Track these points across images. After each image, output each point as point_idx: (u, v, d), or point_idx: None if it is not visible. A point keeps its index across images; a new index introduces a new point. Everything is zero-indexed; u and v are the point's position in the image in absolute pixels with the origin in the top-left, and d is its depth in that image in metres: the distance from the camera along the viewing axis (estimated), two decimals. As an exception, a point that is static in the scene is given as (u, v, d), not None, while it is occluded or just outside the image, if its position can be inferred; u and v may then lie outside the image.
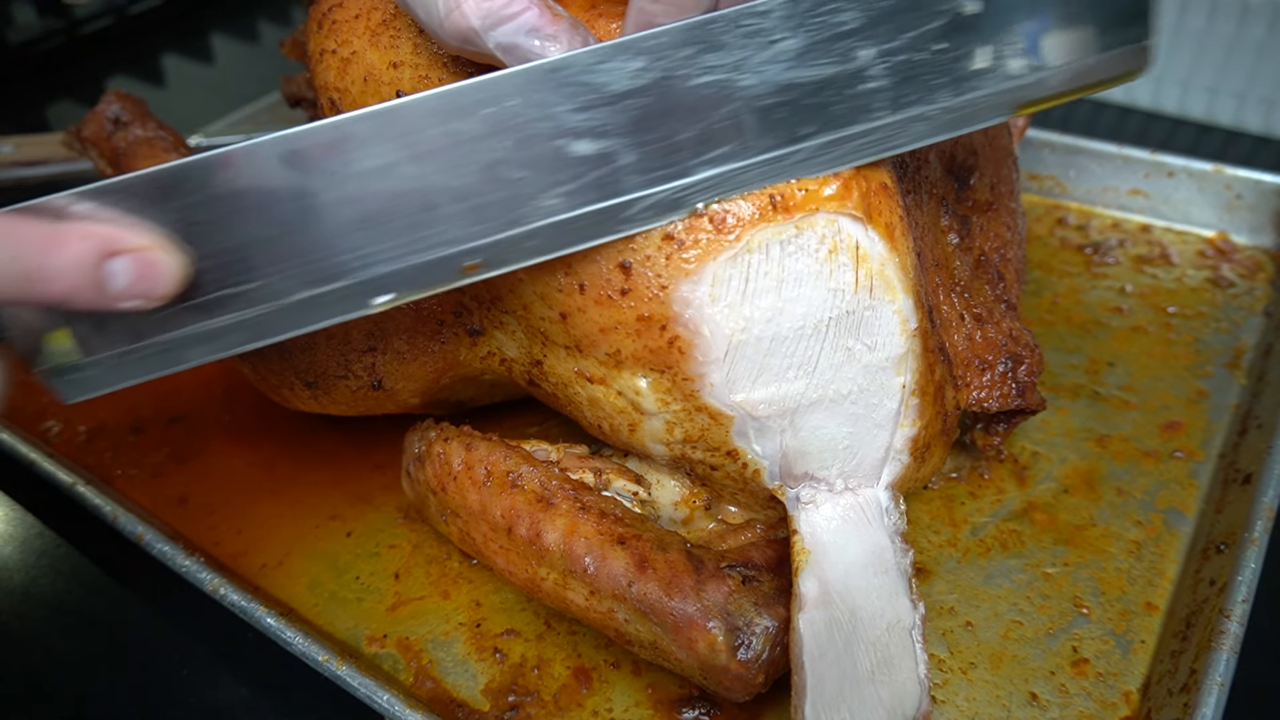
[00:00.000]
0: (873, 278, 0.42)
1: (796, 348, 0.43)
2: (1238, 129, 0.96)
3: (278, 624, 0.50)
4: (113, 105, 0.66)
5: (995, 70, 0.41)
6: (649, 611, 0.46)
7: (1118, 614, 0.53)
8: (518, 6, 0.38)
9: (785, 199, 0.41)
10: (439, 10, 0.39)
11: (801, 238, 0.41)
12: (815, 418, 0.44)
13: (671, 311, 0.42)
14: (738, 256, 0.41)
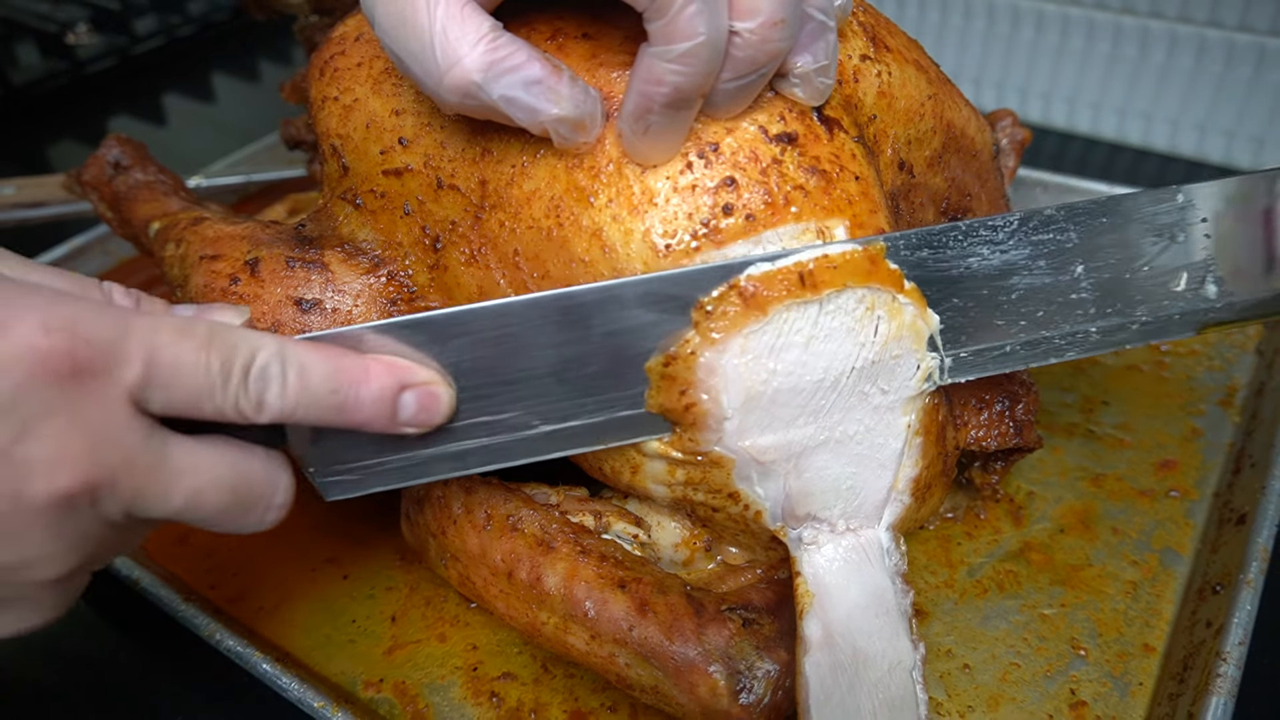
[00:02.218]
0: (904, 329, 0.42)
1: (812, 398, 0.43)
2: (1227, 166, 0.97)
3: (273, 669, 0.50)
4: (113, 149, 0.67)
5: (1192, 293, 0.45)
6: (650, 655, 0.46)
7: (1115, 656, 0.53)
8: (519, 59, 0.38)
9: (815, 275, 0.41)
10: (438, 67, 0.39)
11: (839, 299, 0.41)
12: (820, 458, 0.44)
13: (695, 378, 0.42)
14: (766, 326, 0.41)
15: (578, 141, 0.41)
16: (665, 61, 0.37)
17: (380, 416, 0.40)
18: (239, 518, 0.40)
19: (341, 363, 0.39)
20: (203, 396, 0.37)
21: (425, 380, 0.41)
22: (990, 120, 0.69)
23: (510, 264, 0.44)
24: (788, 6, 0.38)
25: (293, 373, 0.38)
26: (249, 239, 0.51)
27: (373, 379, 0.40)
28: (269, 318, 0.48)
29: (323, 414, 0.39)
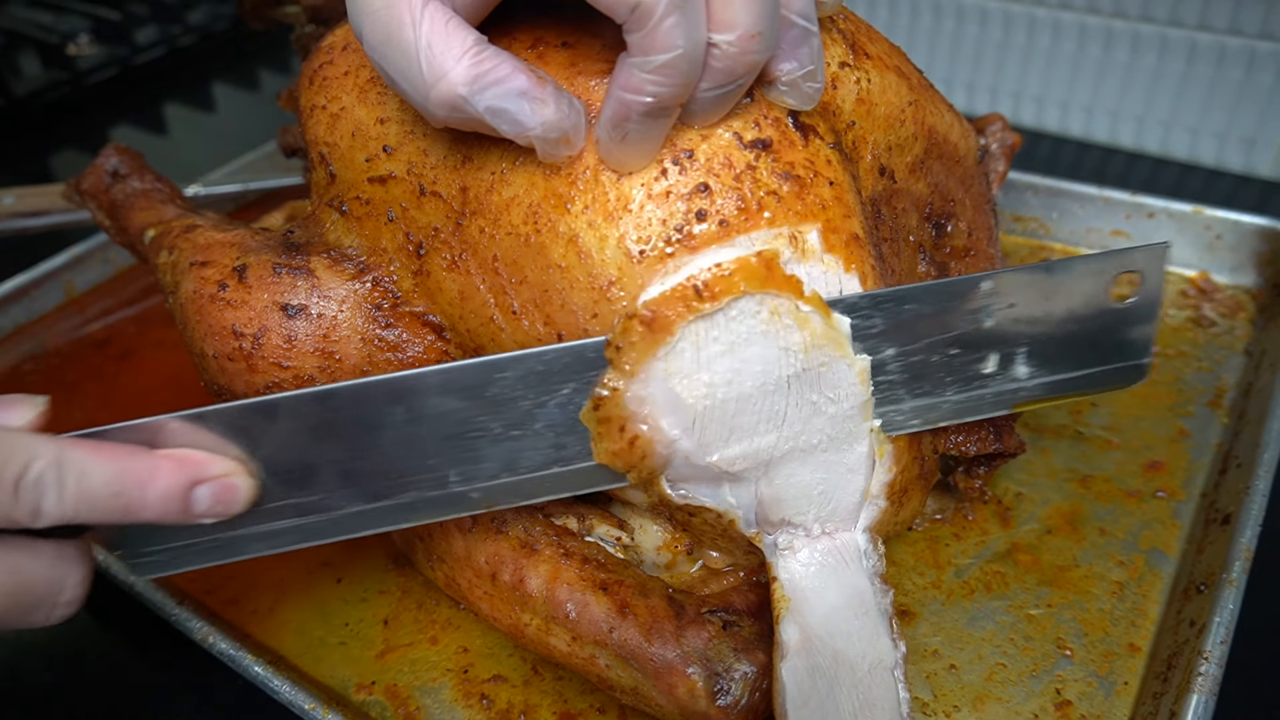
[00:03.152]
0: (817, 337, 0.43)
1: (763, 404, 0.43)
2: (1220, 168, 0.97)
3: (265, 672, 0.50)
4: (111, 158, 0.68)
5: (1002, 374, 0.46)
6: (629, 657, 0.46)
7: (1101, 655, 0.53)
8: (504, 71, 0.39)
9: (710, 285, 0.41)
10: (424, 81, 0.39)
11: (739, 305, 0.41)
12: (788, 467, 0.45)
13: (628, 412, 0.42)
14: (678, 343, 0.41)
15: (562, 154, 0.41)
16: (644, 72, 0.38)
17: (170, 513, 0.40)
18: (18, 619, 0.39)
19: (126, 464, 0.39)
20: None
21: (221, 472, 0.41)
22: (980, 125, 0.69)
23: (490, 270, 0.44)
24: (765, 18, 0.38)
25: (71, 479, 0.38)
26: (238, 246, 0.52)
27: (160, 478, 0.40)
28: (256, 323, 0.48)
29: (107, 515, 0.39)
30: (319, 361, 0.48)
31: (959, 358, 0.45)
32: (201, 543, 0.44)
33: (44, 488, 0.37)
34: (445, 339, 0.49)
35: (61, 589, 0.40)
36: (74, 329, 0.85)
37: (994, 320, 0.45)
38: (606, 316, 0.42)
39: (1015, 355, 0.46)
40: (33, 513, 0.37)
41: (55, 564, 0.40)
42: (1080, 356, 0.47)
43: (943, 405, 0.46)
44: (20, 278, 0.85)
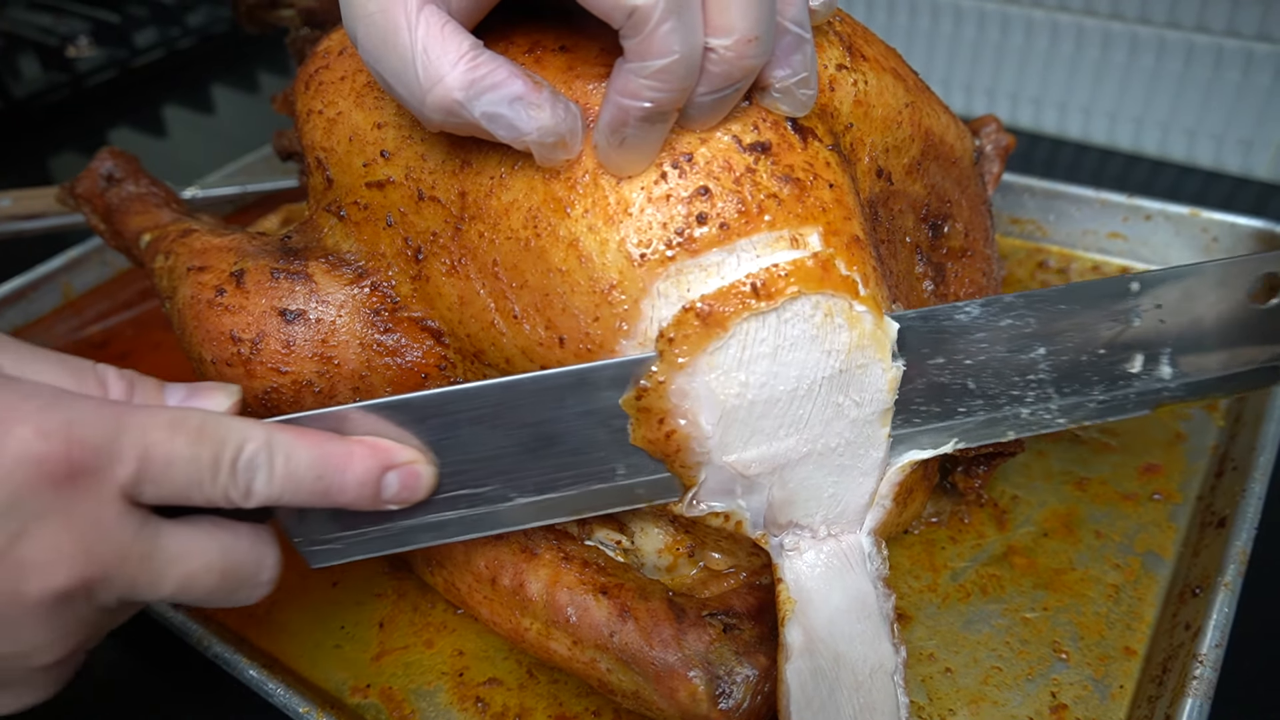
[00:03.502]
0: (865, 337, 0.43)
1: (789, 408, 0.43)
2: (1217, 170, 0.97)
3: (260, 676, 0.50)
4: (106, 162, 0.68)
5: (1146, 375, 0.47)
6: (630, 661, 0.46)
7: (1096, 659, 0.53)
8: (500, 75, 0.39)
9: (767, 285, 0.41)
10: (420, 86, 0.39)
11: (794, 306, 0.42)
12: (804, 470, 0.45)
13: (669, 405, 0.42)
14: (729, 340, 0.41)
15: (559, 159, 0.41)
16: (641, 77, 0.38)
17: (364, 498, 0.42)
18: (228, 596, 0.41)
19: (326, 448, 0.41)
20: (193, 488, 0.38)
21: (408, 460, 0.42)
22: (974, 126, 0.69)
23: (489, 274, 0.44)
24: (762, 23, 0.38)
25: (280, 461, 0.39)
26: (235, 250, 0.52)
27: (356, 462, 0.41)
28: (254, 328, 0.48)
29: (309, 498, 0.41)
30: (317, 366, 0.49)
31: (1107, 357, 0.46)
32: (372, 531, 0.45)
33: (256, 468, 0.39)
34: (444, 344, 0.49)
35: (262, 568, 0.42)
36: (71, 331, 0.85)
37: (1140, 320, 0.46)
38: (608, 320, 0.42)
39: (1160, 356, 0.47)
40: (246, 492, 0.39)
41: (256, 545, 0.41)
42: (1222, 357, 0.47)
43: (1089, 404, 0.47)
44: (17, 280, 0.85)
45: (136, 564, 0.37)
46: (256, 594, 0.42)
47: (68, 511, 0.35)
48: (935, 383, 0.45)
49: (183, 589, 0.39)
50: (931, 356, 0.45)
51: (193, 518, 0.40)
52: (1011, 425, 0.47)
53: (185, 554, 0.39)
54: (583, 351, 0.43)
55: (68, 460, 0.35)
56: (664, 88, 0.38)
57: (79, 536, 0.36)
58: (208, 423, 0.38)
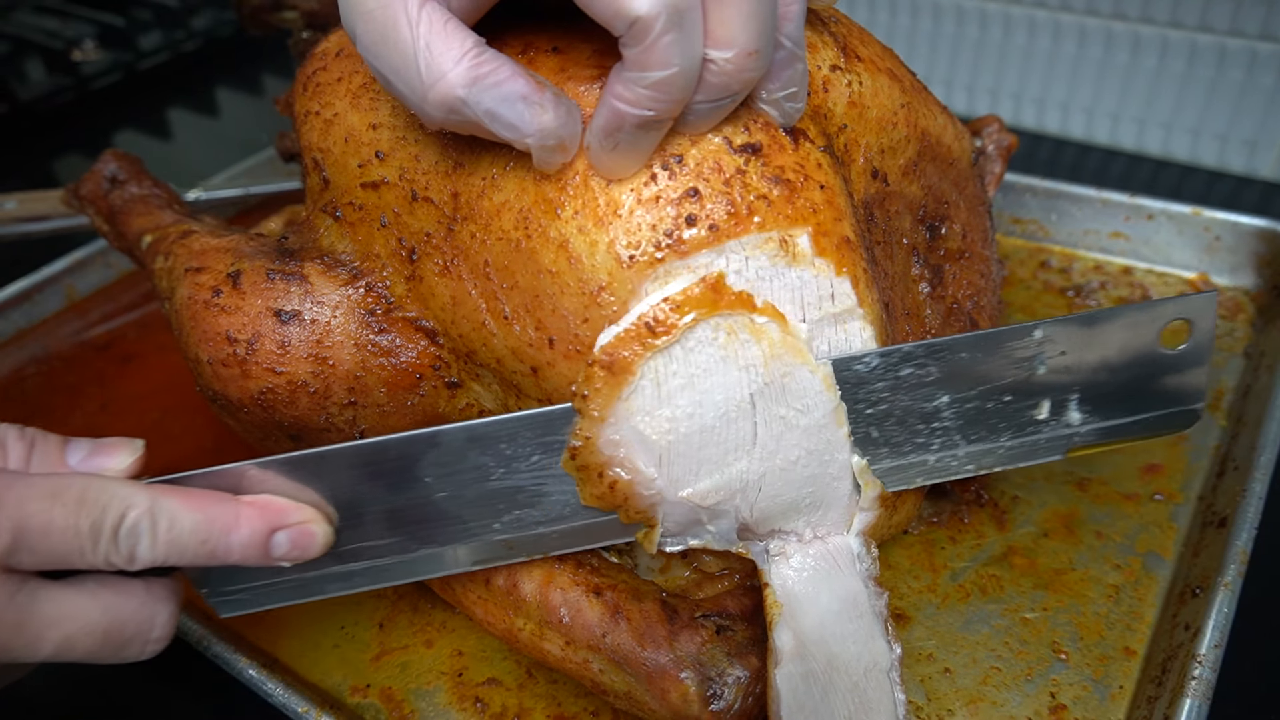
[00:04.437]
0: (776, 346, 0.42)
1: (728, 431, 0.43)
2: (1221, 170, 0.97)
3: (259, 675, 0.51)
4: (110, 164, 0.68)
5: (1055, 420, 0.47)
6: (623, 662, 0.46)
7: (1096, 659, 0.53)
8: (504, 74, 0.38)
9: (662, 321, 0.41)
10: (422, 83, 0.39)
11: (694, 334, 0.41)
12: (770, 488, 0.44)
13: (603, 457, 0.43)
14: (639, 383, 0.41)
15: (556, 162, 0.41)
16: (640, 87, 0.37)
17: (251, 558, 0.42)
18: (114, 654, 0.41)
19: (211, 511, 0.41)
20: (73, 555, 0.38)
21: (298, 520, 0.43)
22: (976, 127, 0.69)
23: (481, 275, 0.45)
24: (763, 37, 0.38)
25: (163, 527, 0.40)
26: (233, 251, 0.52)
27: (243, 524, 0.42)
28: (249, 329, 0.49)
29: (195, 560, 0.41)
30: (312, 367, 0.49)
31: (1012, 404, 0.46)
32: (281, 583, 0.46)
33: (139, 534, 0.39)
34: (438, 344, 0.49)
35: (152, 626, 0.42)
36: (75, 333, 0.85)
37: (1046, 367, 0.46)
38: (597, 321, 0.42)
39: (1068, 401, 0.47)
40: (129, 558, 0.39)
41: (145, 603, 0.41)
42: (1133, 402, 0.47)
43: (997, 450, 0.47)
44: (22, 282, 0.86)
45: (10, 631, 0.38)
46: (148, 650, 0.42)
47: None
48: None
49: (62, 650, 0.39)
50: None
51: (77, 578, 0.40)
52: (919, 472, 0.47)
53: (64, 617, 0.39)
54: (572, 353, 0.43)
55: None
56: (662, 98, 0.38)
57: None
58: (89, 490, 0.39)
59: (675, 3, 0.35)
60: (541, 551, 0.47)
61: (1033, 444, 0.47)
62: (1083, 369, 0.46)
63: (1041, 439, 0.47)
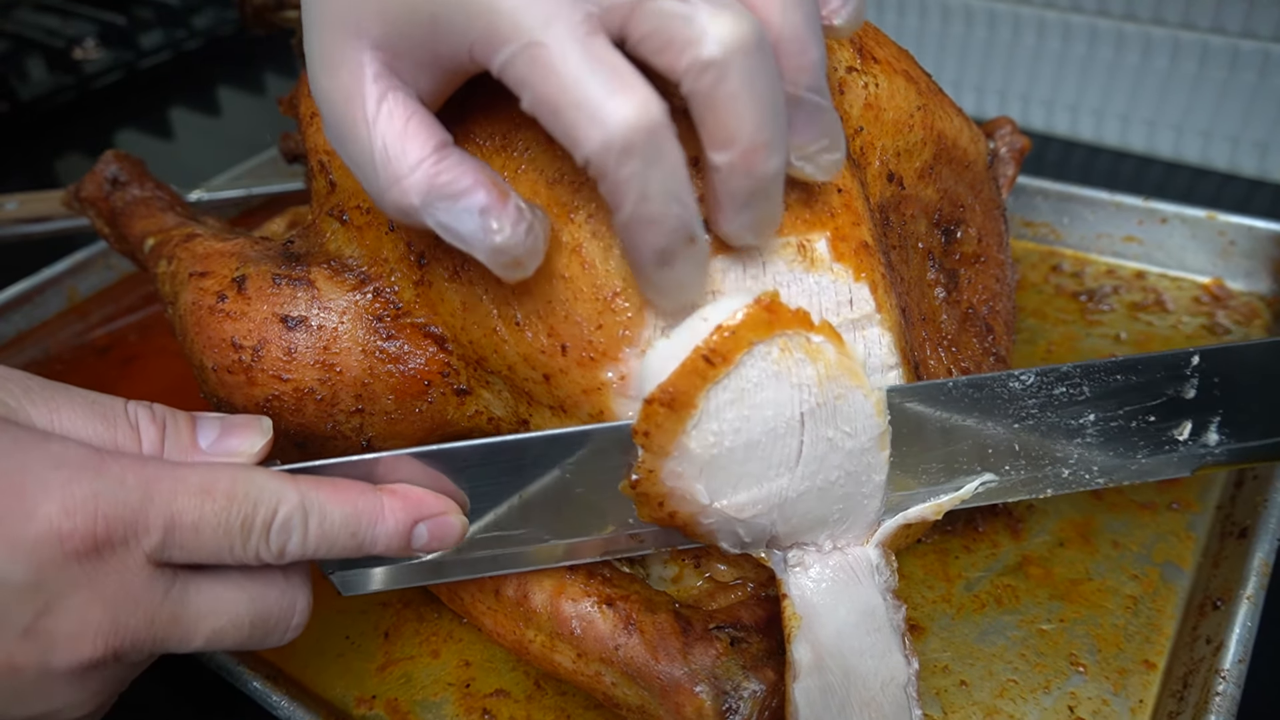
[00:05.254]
0: (831, 368, 0.41)
1: (774, 448, 0.42)
2: (1232, 173, 0.96)
3: (263, 687, 0.50)
4: (111, 165, 0.67)
5: (1193, 440, 0.47)
6: (636, 675, 0.45)
7: (1115, 672, 0.52)
8: (463, 184, 0.36)
9: (718, 350, 0.39)
10: (378, 183, 0.37)
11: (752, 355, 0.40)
12: (804, 505, 0.43)
13: (665, 489, 0.42)
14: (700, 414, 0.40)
15: (515, 276, 0.39)
16: (627, 228, 0.35)
17: (394, 549, 0.42)
18: (260, 643, 0.41)
19: (359, 504, 0.41)
20: (224, 552, 0.38)
21: (438, 510, 0.43)
22: (989, 128, 0.68)
23: (492, 280, 0.44)
24: (768, 125, 0.34)
25: (314, 522, 0.39)
26: (237, 256, 0.51)
27: (388, 515, 0.41)
28: (255, 335, 0.48)
29: (342, 553, 0.41)
30: (319, 374, 0.48)
31: (1155, 424, 0.46)
32: (410, 566, 0.46)
33: (290, 531, 0.39)
34: (447, 350, 0.48)
35: (294, 613, 0.42)
36: (76, 335, 0.84)
37: (1196, 391, 0.46)
38: (611, 328, 0.42)
39: (1209, 423, 0.47)
40: (279, 554, 0.39)
41: (286, 591, 0.41)
42: (1270, 426, 0.48)
43: (1130, 466, 0.47)
44: (22, 284, 0.85)
45: (165, 625, 0.37)
46: (288, 637, 0.42)
47: (93, 584, 0.35)
48: (980, 443, 0.45)
49: (213, 642, 0.39)
50: (982, 421, 0.45)
51: (222, 570, 0.39)
52: (1051, 484, 0.47)
53: (214, 610, 0.39)
54: (585, 360, 0.42)
55: (93, 536, 0.35)
56: (660, 232, 0.35)
57: (106, 606, 0.36)
58: (238, 485, 0.38)
59: (628, 136, 0.33)
60: (669, 544, 0.47)
61: (1165, 461, 0.47)
62: (1231, 393, 0.46)
63: (1175, 456, 0.47)
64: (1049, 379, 0.44)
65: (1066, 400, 0.45)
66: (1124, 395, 0.45)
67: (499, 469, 0.43)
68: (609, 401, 0.43)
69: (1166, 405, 0.46)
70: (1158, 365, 0.45)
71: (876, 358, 0.45)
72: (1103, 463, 0.47)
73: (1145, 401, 0.46)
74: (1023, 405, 0.45)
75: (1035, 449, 0.46)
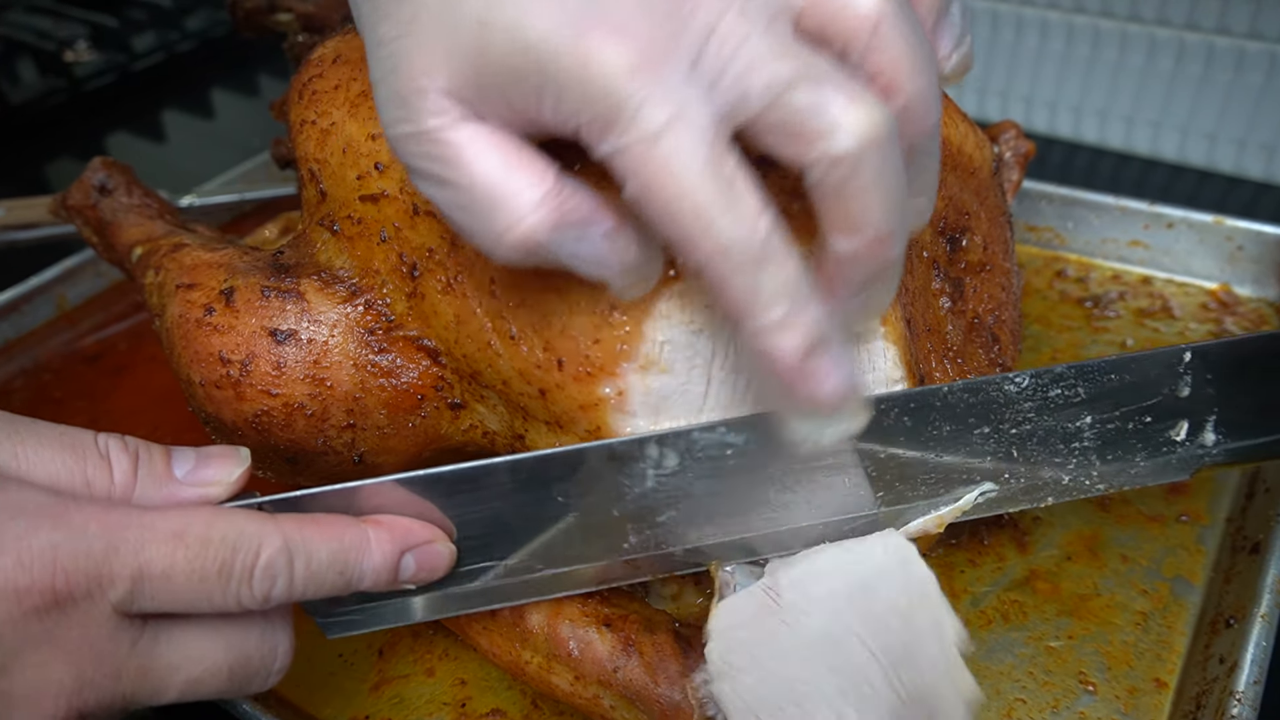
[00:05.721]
0: None
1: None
2: (1238, 176, 0.95)
3: (253, 710, 0.49)
4: (99, 173, 0.66)
5: (1190, 440, 0.46)
6: (635, 698, 0.44)
7: (1125, 691, 0.51)
8: (585, 210, 0.34)
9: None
10: (492, 226, 0.34)
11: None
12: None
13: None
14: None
15: (638, 293, 0.38)
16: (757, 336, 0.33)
17: (382, 582, 0.40)
18: (237, 691, 0.40)
19: (345, 539, 0.39)
20: (201, 600, 0.36)
21: (425, 539, 0.41)
22: (993, 133, 0.67)
23: (486, 293, 0.42)
24: (894, 214, 0.33)
25: (300, 564, 0.38)
26: (226, 267, 0.50)
27: (375, 549, 0.40)
28: (243, 349, 0.47)
29: (330, 591, 0.39)
30: (309, 389, 0.47)
31: (1152, 425, 0.46)
32: (396, 603, 0.44)
33: (275, 574, 0.37)
34: (441, 364, 0.47)
35: (275, 657, 0.40)
36: (65, 344, 0.83)
37: (1190, 389, 0.45)
38: (609, 342, 0.40)
39: (1205, 423, 0.46)
40: (263, 599, 0.37)
41: (266, 634, 0.39)
42: (1269, 424, 0.47)
43: (1130, 470, 0.47)
44: (10, 292, 0.84)
45: (134, 679, 0.36)
46: (270, 681, 0.41)
47: (54, 640, 0.33)
48: (978, 450, 0.44)
49: (188, 693, 0.38)
50: (978, 426, 0.44)
51: (197, 618, 0.38)
52: (1052, 491, 0.46)
53: (188, 659, 0.37)
54: (582, 375, 0.41)
55: (52, 590, 0.33)
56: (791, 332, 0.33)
57: (68, 663, 0.34)
58: (214, 529, 0.36)
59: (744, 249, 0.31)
60: (667, 570, 0.45)
61: (1164, 463, 0.47)
62: (1225, 390, 0.45)
63: (1174, 459, 0.47)
64: (1044, 381, 0.44)
65: (1062, 402, 0.44)
66: (1119, 395, 0.45)
67: (488, 493, 0.42)
68: (606, 417, 0.42)
69: (1161, 405, 0.45)
70: (1151, 363, 0.44)
71: (881, 371, 0.44)
72: (1102, 467, 0.46)
73: (1140, 401, 0.45)
74: (1019, 409, 0.44)
75: (1034, 454, 0.45)
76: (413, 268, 0.46)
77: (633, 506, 0.42)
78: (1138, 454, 0.46)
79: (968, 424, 0.43)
